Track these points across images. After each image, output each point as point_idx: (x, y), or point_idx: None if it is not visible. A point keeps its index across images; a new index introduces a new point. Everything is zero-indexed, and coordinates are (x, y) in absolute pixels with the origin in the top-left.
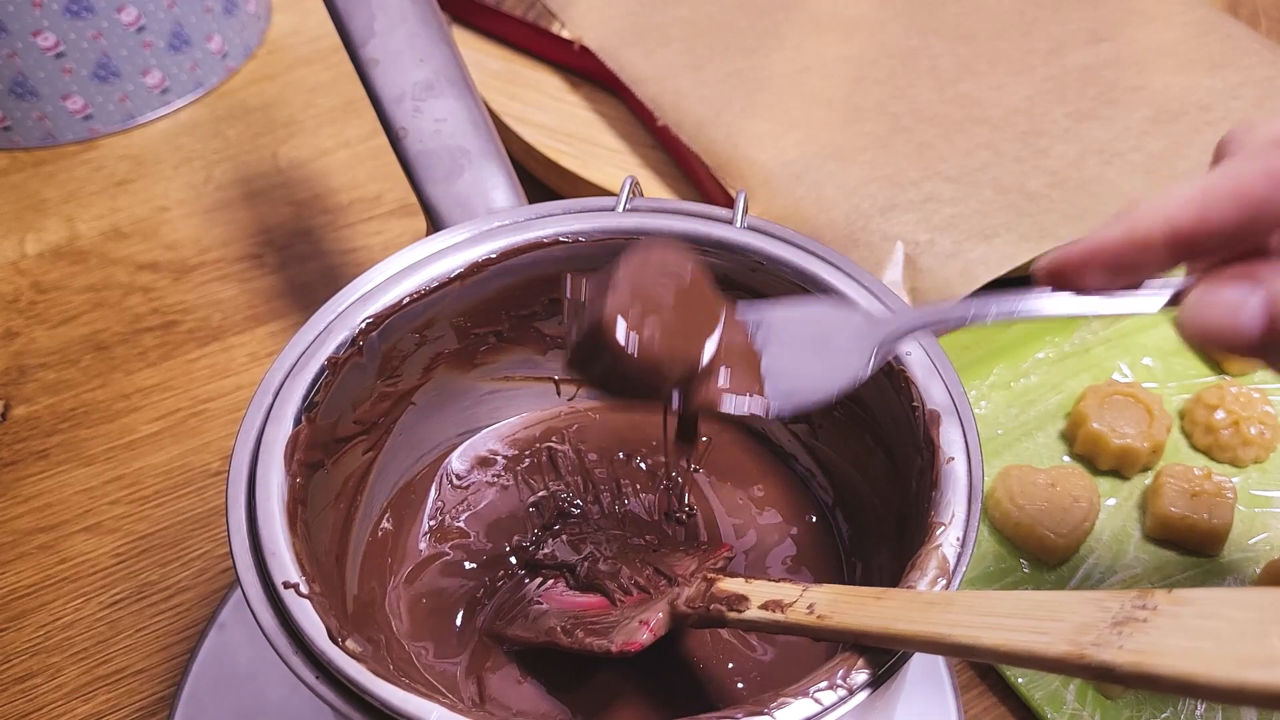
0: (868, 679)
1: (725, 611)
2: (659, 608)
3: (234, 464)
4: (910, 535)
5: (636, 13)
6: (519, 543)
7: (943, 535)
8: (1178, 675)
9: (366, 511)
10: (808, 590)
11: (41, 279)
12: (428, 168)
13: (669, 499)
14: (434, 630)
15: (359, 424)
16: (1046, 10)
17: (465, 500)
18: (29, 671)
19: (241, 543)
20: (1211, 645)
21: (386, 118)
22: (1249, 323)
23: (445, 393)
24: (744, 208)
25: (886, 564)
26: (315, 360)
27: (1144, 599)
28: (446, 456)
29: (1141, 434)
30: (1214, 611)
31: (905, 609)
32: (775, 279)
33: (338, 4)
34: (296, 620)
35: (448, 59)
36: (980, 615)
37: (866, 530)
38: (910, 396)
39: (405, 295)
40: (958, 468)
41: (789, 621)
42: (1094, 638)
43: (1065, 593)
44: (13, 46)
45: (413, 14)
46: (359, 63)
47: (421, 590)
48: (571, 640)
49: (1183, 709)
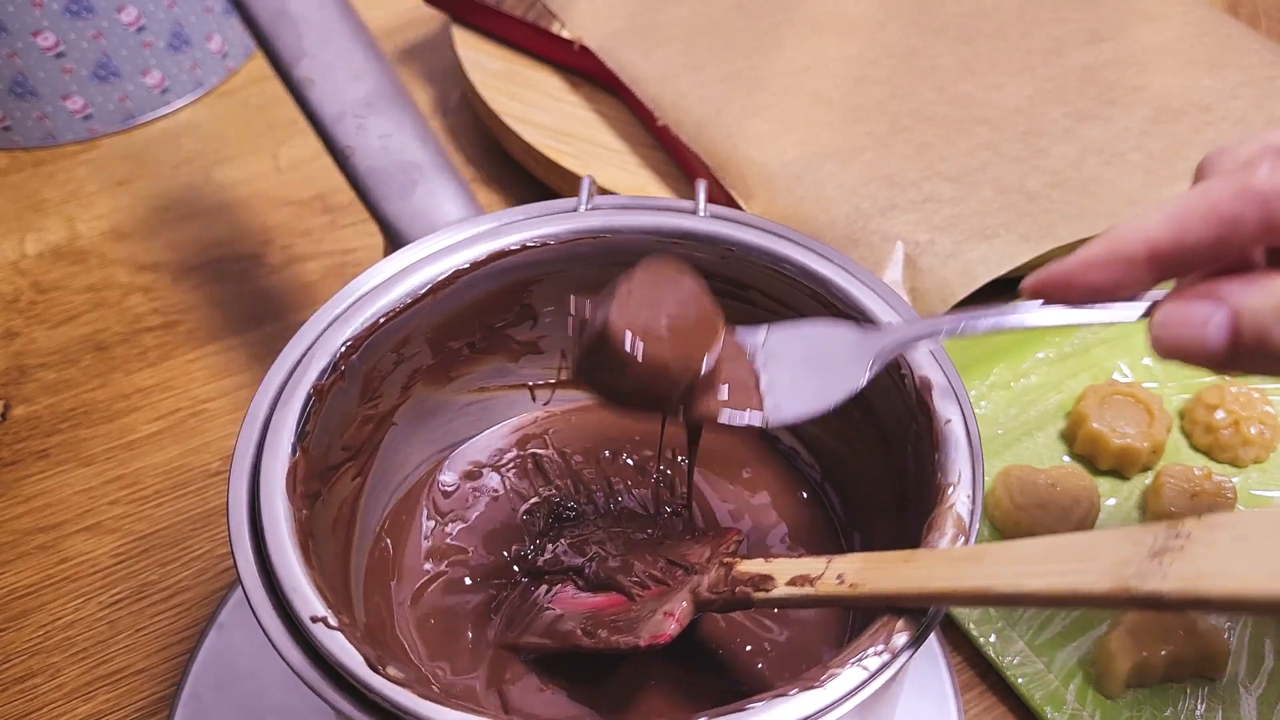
0: (908, 640)
1: (751, 593)
2: (681, 597)
3: (232, 503)
4: (913, 500)
5: (636, 13)
6: (519, 552)
7: (954, 495)
8: (1227, 594)
9: (362, 537)
10: (833, 561)
11: (41, 279)
12: (380, 185)
13: (662, 491)
14: (447, 649)
15: (346, 449)
16: (1046, 10)
17: (458, 516)
18: (29, 671)
19: (255, 583)
20: (1254, 562)
21: (329, 137)
22: (1215, 338)
23: (424, 409)
24: (705, 197)
25: (888, 531)
26: (301, 389)
27: (1176, 528)
28: (432, 474)
29: (1141, 434)
30: (1249, 532)
31: (938, 567)
32: (746, 264)
33: (262, 24)
34: (332, 653)
35: (383, 73)
36: (1016, 563)
37: (860, 501)
38: (897, 366)
39: (380, 314)
40: (956, 428)
41: (820, 594)
42: (1135, 570)
43: (1095, 531)
44: (13, 46)
45: (341, 30)
46: (292, 83)
47: (428, 610)
48: (595, 641)
49: (1183, 709)
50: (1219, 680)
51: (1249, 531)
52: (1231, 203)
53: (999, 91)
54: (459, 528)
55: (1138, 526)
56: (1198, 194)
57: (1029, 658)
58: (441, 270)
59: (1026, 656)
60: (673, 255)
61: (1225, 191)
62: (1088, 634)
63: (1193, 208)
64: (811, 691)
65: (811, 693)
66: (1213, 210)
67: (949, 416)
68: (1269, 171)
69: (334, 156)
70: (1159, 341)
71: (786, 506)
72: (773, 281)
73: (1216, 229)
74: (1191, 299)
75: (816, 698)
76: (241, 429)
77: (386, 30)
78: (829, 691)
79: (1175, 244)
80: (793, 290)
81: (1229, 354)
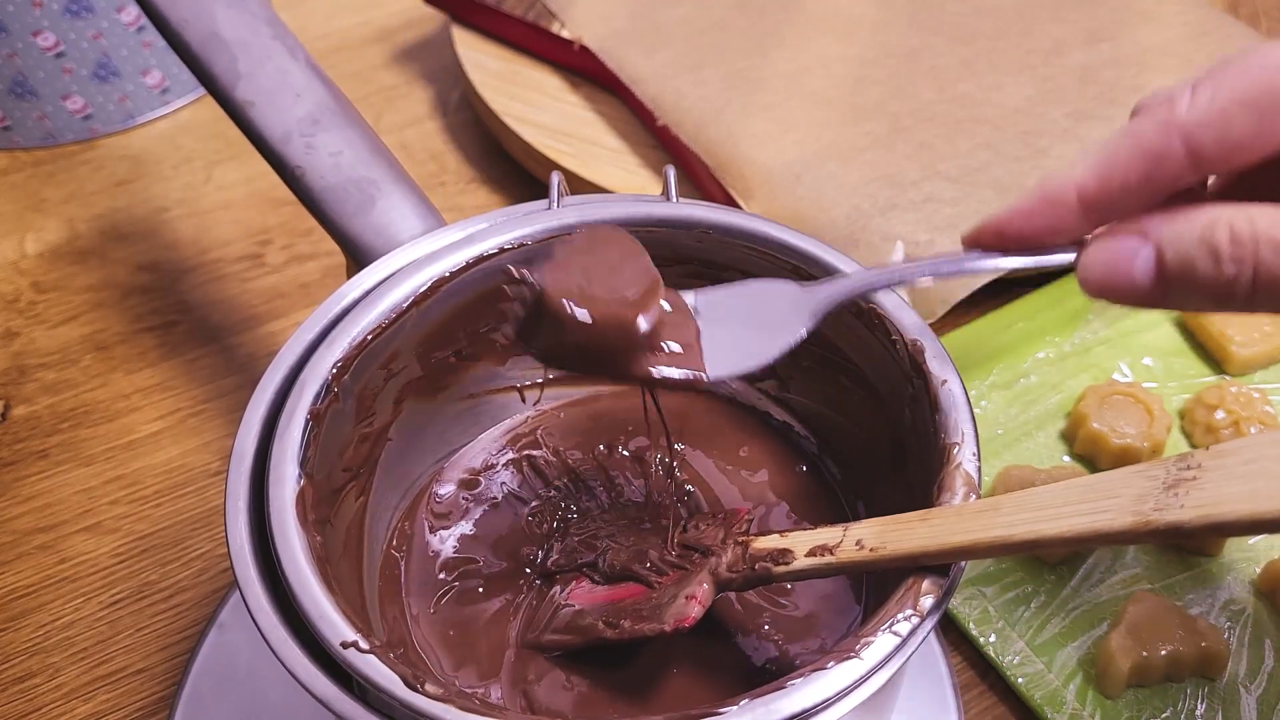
0: (934, 601)
1: (772, 567)
2: (700, 579)
3: (233, 543)
4: (914, 463)
5: (636, 13)
6: (528, 555)
7: (960, 453)
8: (1245, 517)
9: (372, 556)
10: (850, 528)
11: (41, 279)
12: (337, 203)
13: (662, 479)
14: (468, 657)
15: (347, 470)
16: (1046, 10)
17: (461, 525)
18: (29, 671)
19: (269, 621)
20: (1268, 483)
21: (277, 158)
22: (1141, 273)
23: (417, 422)
24: (675, 182)
25: (892, 497)
26: (298, 415)
27: (1186, 460)
28: (430, 485)
29: (1141, 434)
30: (1257, 455)
31: (956, 523)
32: (723, 244)
33: (194, 49)
34: (368, 677)
35: (325, 90)
36: (1034, 510)
37: (859, 469)
38: (886, 331)
39: (367, 332)
40: (953, 388)
41: (842, 561)
42: (1153, 504)
43: (1108, 472)
44: (13, 46)
45: (277, 50)
46: (232, 106)
47: (445, 622)
48: (619, 631)
49: (1182, 709)
50: (1219, 680)
51: (1256, 455)
52: (1153, 138)
53: (999, 91)
54: (466, 537)
55: (1146, 464)
56: (1122, 135)
57: (1029, 658)
58: (422, 281)
59: (1026, 656)
60: (612, 224)
61: (1148, 128)
62: (1088, 634)
63: (1118, 148)
64: (849, 662)
65: (849, 663)
66: (1136, 148)
67: (945, 377)
68: (1188, 103)
69: (285, 179)
70: (1087, 281)
71: (787, 481)
72: (750, 259)
73: (1142, 166)
74: (1117, 235)
75: (854, 668)
76: (230, 464)
77: (386, 30)
78: (865, 660)
79: (1102, 186)
80: (772, 267)
81: (1158, 289)
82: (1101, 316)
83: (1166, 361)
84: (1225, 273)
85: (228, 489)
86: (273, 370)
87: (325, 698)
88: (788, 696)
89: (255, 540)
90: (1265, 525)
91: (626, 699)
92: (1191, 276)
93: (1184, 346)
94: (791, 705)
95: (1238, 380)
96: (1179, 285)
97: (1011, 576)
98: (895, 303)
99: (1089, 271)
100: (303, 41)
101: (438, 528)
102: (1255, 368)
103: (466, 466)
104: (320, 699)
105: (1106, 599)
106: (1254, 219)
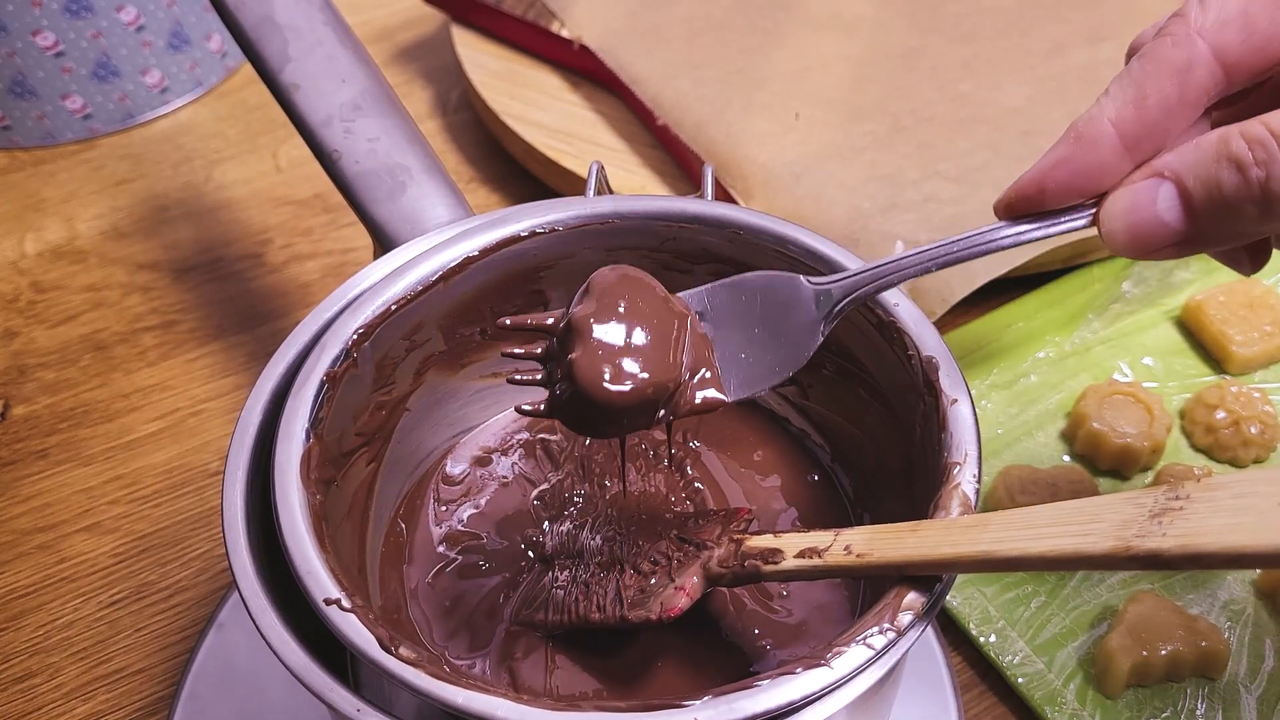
0: (914, 617)
1: (761, 566)
2: (691, 571)
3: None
4: (920, 479)
5: (636, 13)
6: (531, 537)
7: (960, 474)
8: (1223, 549)
9: (377, 523)
10: (840, 534)
11: (41, 279)
12: (369, 188)
13: (673, 475)
14: (460, 629)
15: (360, 435)
16: (1046, 10)
17: (470, 501)
18: (29, 671)
19: (250, 584)
20: (1252, 518)
21: (316, 142)
22: (1169, 213)
23: (437, 395)
24: (712, 181)
25: (897, 510)
26: (314, 376)
27: (1175, 490)
28: (444, 459)
29: (1142, 434)
30: (1247, 491)
31: (944, 535)
32: (753, 246)
33: (246, 30)
34: (345, 635)
35: (370, 77)
36: (1021, 529)
37: (869, 482)
38: (904, 346)
39: (392, 302)
40: (963, 408)
41: (828, 565)
42: (1136, 530)
43: (1098, 497)
44: (12, 46)
45: (328, 36)
46: (278, 89)
47: (442, 594)
48: (606, 616)
49: (1182, 709)
50: (1219, 680)
51: (1248, 490)
52: (1177, 53)
53: (999, 91)
54: (472, 513)
55: (1138, 491)
56: (1142, 60)
57: (1029, 658)
58: (451, 258)
59: (1026, 656)
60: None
61: (1166, 46)
62: (1088, 634)
63: (1143, 73)
64: (818, 669)
65: (818, 670)
66: (1161, 68)
67: (955, 396)
68: (1200, 11)
69: (321, 161)
70: (1113, 236)
71: (797, 488)
72: (779, 264)
73: (1173, 84)
74: (1131, 184)
75: (822, 675)
76: (240, 418)
77: (386, 30)
78: (834, 669)
79: (1139, 114)
80: (803, 272)
81: (1189, 225)
82: (1101, 316)
83: (1167, 361)
84: (1254, 178)
85: (230, 451)
86: (287, 345)
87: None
88: (751, 697)
89: (250, 505)
90: (1244, 560)
91: (606, 685)
92: (1220, 197)
93: (1184, 346)
94: (754, 706)
95: (1238, 380)
96: (1210, 213)
97: (1012, 576)
98: (917, 317)
99: (1113, 224)
100: None
101: (446, 501)
102: (1255, 367)
103: (481, 444)
104: (294, 671)
105: (1106, 599)
106: (1265, 120)
